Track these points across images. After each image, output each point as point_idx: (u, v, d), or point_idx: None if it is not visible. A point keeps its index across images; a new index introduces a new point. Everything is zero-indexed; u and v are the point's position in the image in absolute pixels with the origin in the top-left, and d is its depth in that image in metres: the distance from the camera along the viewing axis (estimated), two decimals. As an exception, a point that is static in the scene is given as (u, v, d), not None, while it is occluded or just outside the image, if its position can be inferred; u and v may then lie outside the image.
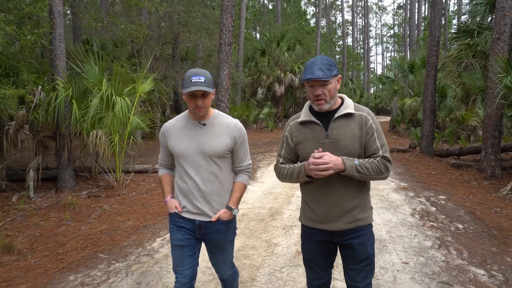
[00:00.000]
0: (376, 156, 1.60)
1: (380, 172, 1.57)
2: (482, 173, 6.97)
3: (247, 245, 3.41)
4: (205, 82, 1.67)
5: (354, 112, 1.63)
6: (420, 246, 3.39)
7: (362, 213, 1.65)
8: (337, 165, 1.51)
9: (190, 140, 1.79)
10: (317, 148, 1.59)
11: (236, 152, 1.86)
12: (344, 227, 1.63)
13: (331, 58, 1.35)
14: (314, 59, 1.59)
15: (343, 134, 1.60)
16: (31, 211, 4.95)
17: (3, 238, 3.75)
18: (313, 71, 1.52)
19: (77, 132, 5.79)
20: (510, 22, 6.53)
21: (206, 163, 1.78)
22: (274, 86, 19.87)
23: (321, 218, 1.66)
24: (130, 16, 8.50)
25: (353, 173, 1.53)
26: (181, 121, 1.86)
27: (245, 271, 2.84)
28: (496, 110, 6.58)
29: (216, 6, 13.93)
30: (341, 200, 1.62)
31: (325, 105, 1.59)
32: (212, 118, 1.83)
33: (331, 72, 1.54)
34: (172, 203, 1.85)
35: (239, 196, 1.87)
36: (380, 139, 1.62)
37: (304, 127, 1.68)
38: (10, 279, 2.91)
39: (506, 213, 4.71)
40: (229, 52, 8.03)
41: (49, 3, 5.72)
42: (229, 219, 1.84)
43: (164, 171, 1.99)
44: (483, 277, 2.78)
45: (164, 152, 1.94)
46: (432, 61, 9.22)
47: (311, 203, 1.70)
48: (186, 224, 1.81)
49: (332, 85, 1.57)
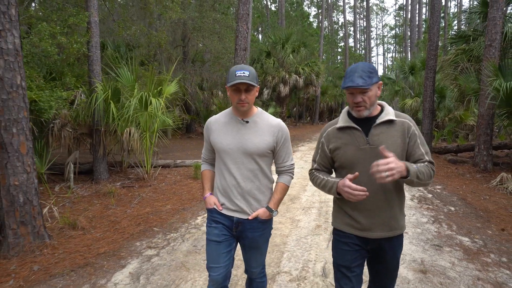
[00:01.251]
0: (423, 161, 1.58)
1: (431, 176, 1.56)
2: (475, 167, 7.66)
3: (275, 221, 4.13)
4: (249, 77, 1.68)
5: (396, 119, 1.60)
6: (417, 221, 4.11)
7: (400, 222, 1.64)
8: (400, 171, 1.43)
9: (232, 136, 1.79)
10: (356, 155, 1.58)
11: (278, 151, 1.85)
12: (382, 235, 1.61)
13: (372, 65, 1.57)
14: (355, 66, 1.55)
15: (384, 141, 1.56)
16: (78, 198, 5.67)
17: (68, 217, 4.46)
18: (353, 79, 1.50)
19: (112, 130, 6.50)
20: (500, 30, 7.22)
21: (247, 161, 1.77)
22: (279, 86, 20.56)
23: (361, 225, 1.62)
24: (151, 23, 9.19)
25: (413, 178, 1.49)
26: (225, 117, 1.87)
27: (277, 238, 3.56)
28: (488, 110, 7.28)
29: (226, 12, 14.62)
30: (382, 207, 1.59)
31: (365, 111, 1.57)
32: (255, 116, 1.83)
33: (372, 79, 1.51)
34: (211, 199, 1.86)
35: (280, 198, 1.86)
36: (423, 145, 1.61)
37: (342, 133, 1.64)
38: (88, 245, 3.62)
39: (493, 200, 5.41)
40: (244, 56, 8.74)
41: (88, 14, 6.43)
42: (266, 219, 1.84)
43: (206, 166, 2.01)
44: (466, 242, 3.49)
45: (207, 147, 1.96)
46: (431, 64, 9.92)
47: (350, 210, 1.65)
48: (224, 220, 1.82)
49: (372, 92, 1.55)
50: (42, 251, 3.32)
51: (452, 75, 8.60)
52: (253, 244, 1.84)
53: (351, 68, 1.54)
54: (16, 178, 3.21)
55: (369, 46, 46.49)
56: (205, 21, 11.94)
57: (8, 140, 3.16)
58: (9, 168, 3.18)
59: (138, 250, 3.44)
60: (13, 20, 3.15)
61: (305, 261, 3.06)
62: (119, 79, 6.72)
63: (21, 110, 3.25)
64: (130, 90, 6.69)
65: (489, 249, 3.35)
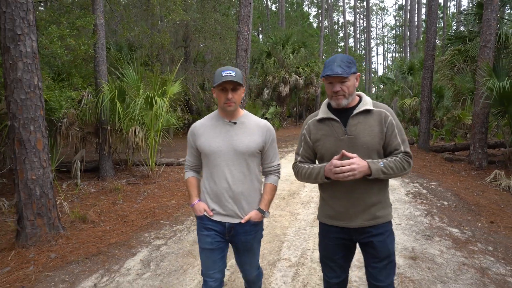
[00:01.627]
0: (398, 152, 1.60)
1: (404, 168, 1.58)
2: (471, 165, 7.87)
3: (276, 214, 4.35)
4: (236, 76, 1.69)
5: (373, 109, 1.63)
6: (411, 214, 4.32)
7: (382, 210, 1.64)
8: (362, 170, 1.49)
9: (221, 138, 1.78)
10: (335, 145, 1.61)
11: (266, 152, 1.86)
12: (364, 224, 1.62)
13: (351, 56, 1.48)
14: (334, 56, 1.59)
15: (361, 131, 1.59)
16: (85, 194, 5.89)
17: (78, 211, 4.68)
18: (332, 68, 1.53)
19: (117, 128, 6.72)
20: (495, 31, 7.43)
21: (238, 162, 1.77)
22: (279, 86, 20.77)
23: (340, 215, 1.65)
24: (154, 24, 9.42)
25: (379, 176, 1.53)
26: (211, 120, 1.86)
27: (277, 230, 3.78)
28: (483, 109, 7.48)
29: (227, 12, 14.84)
30: (362, 196, 1.61)
31: (343, 100, 1.60)
32: (243, 117, 1.84)
33: (350, 69, 1.55)
34: (200, 206, 1.83)
35: (270, 198, 1.86)
36: (400, 134, 1.62)
37: (322, 124, 1.68)
38: (99, 236, 3.84)
39: (486, 196, 5.62)
40: (245, 57, 8.95)
41: (95, 17, 6.65)
42: (258, 222, 1.84)
43: (191, 173, 1.96)
44: (456, 233, 3.70)
45: (192, 153, 1.92)
46: (428, 65, 10.13)
47: (330, 200, 1.69)
48: (216, 226, 1.79)
49: (351, 82, 1.57)
50: (57, 241, 3.54)
51: (448, 75, 8.81)
52: (246, 247, 1.83)
53: (330, 58, 1.59)
54: (33, 172, 3.43)
55: (369, 46, 46.68)
56: (207, 22, 12.17)
57: (26, 137, 3.38)
58: (27, 163, 3.40)
59: (147, 240, 3.66)
60: (31, 25, 3.37)
61: (304, 250, 3.28)
62: (125, 80, 6.94)
63: (38, 109, 3.47)
64: (135, 90, 6.91)
65: (477, 239, 3.56)
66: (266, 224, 4.07)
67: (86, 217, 4.54)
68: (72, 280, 2.82)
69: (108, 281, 2.79)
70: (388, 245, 1.63)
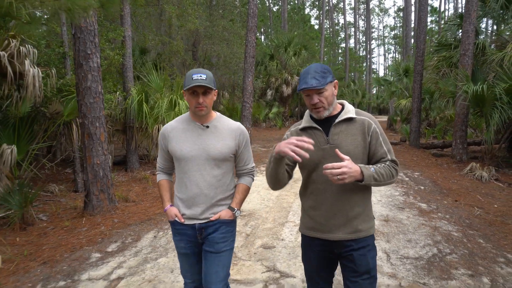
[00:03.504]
0: (384, 160, 1.56)
1: (392, 176, 1.54)
2: (452, 158, 8.90)
3: (282, 194, 5.41)
4: (206, 80, 1.65)
5: (356, 117, 1.60)
6: (391, 194, 5.38)
7: (364, 223, 1.59)
8: (354, 175, 1.42)
9: (192, 143, 1.74)
10: (317, 154, 1.56)
11: (240, 155, 1.83)
12: (344, 237, 1.57)
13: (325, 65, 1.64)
14: (308, 68, 1.56)
15: (344, 139, 1.56)
16: (118, 182, 6.94)
17: (120, 193, 5.73)
18: (307, 81, 1.50)
19: (143, 126, 7.78)
20: (473, 41, 8.45)
21: (210, 167, 1.73)
22: (282, 87, 21.82)
23: (321, 227, 1.61)
24: (170, 33, 10.48)
25: (370, 182, 1.46)
26: (182, 123, 1.81)
27: (284, 204, 4.85)
28: (462, 110, 8.51)
29: (234, 19, 15.88)
30: (344, 208, 1.56)
31: (324, 112, 1.57)
32: (215, 120, 1.80)
33: (326, 79, 1.51)
34: (172, 211, 1.80)
35: (242, 198, 1.84)
36: (385, 143, 1.59)
37: (305, 133, 1.64)
38: (144, 209, 4.90)
39: (459, 183, 6.64)
40: (252, 63, 10.01)
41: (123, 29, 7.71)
42: (230, 221, 1.80)
43: (162, 176, 1.93)
44: (423, 207, 4.75)
45: (163, 156, 1.88)
46: (418, 69, 11.16)
47: (310, 210, 1.64)
48: (187, 229, 1.77)
49: (328, 92, 1.54)
50: (115, 211, 4.61)
51: (434, 79, 9.83)
52: (213, 247, 1.75)
53: (304, 70, 1.56)
54: (98, 158, 4.49)
55: (370, 47, 47.69)
56: (215, 29, 13.22)
57: (93, 131, 4.45)
58: (94, 151, 4.46)
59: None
60: (97, 46, 4.43)
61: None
62: (149, 84, 8.01)
63: (101, 110, 4.54)
64: (159, 93, 7.97)
65: (438, 211, 4.61)
66: (275, 200, 5.14)
67: (128, 198, 5.60)
68: (136, 234, 3.88)
69: (163, 234, 3.85)
70: (369, 259, 1.58)
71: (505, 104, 7.02)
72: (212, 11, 14.15)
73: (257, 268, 2.98)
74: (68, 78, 6.04)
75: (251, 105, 10.04)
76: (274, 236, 3.71)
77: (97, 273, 2.99)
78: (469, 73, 8.30)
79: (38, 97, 4.85)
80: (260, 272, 2.91)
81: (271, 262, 3.09)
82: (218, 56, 15.53)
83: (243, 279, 2.78)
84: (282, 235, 3.74)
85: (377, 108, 40.28)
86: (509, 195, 5.81)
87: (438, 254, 3.23)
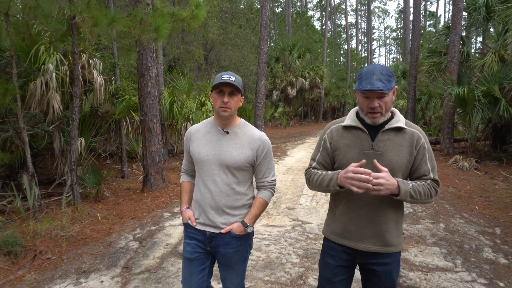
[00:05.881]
0: (426, 178, 1.49)
1: (430, 196, 1.47)
2: (441, 152, 10.16)
3: (297, 177, 6.70)
4: (235, 81, 1.65)
5: (406, 128, 1.51)
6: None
7: (395, 238, 1.53)
8: (390, 188, 1.36)
9: (211, 147, 1.74)
10: (358, 158, 1.47)
11: (258, 166, 1.77)
12: (374, 249, 1.51)
13: (390, 68, 1.49)
14: (372, 67, 1.45)
15: (390, 148, 1.48)
16: (156, 170, 8.22)
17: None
18: (373, 82, 1.39)
19: (174, 124, 9.08)
20: (458, 49, 9.71)
21: (223, 174, 1.71)
22: (287, 89, 23.11)
23: (350, 234, 1.54)
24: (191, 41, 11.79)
25: (406, 198, 1.41)
26: (205, 126, 1.82)
27: (299, 183, 6.13)
28: (449, 110, 9.77)
29: (243, 25, 17.19)
30: (378, 218, 1.50)
31: (380, 118, 1.48)
32: (237, 127, 1.77)
33: (391, 83, 1.43)
34: (186, 213, 1.82)
35: (257, 213, 1.77)
36: (431, 160, 1.51)
37: (347, 132, 1.56)
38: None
39: (443, 171, 7.90)
40: (265, 68, 11.30)
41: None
42: (242, 235, 1.74)
43: (185, 178, 1.95)
44: (408, 185, 6.04)
45: (188, 158, 1.90)
46: (412, 73, 12.44)
47: (342, 216, 1.58)
48: (197, 235, 1.77)
49: (389, 97, 1.46)
50: (167, 189, 5.91)
51: (425, 82, 11.11)
52: (226, 261, 1.76)
53: (367, 69, 1.45)
54: (155, 147, 5.80)
55: (371, 48, 48.89)
56: (228, 36, 14.54)
57: (152, 126, 5.75)
58: (152, 142, 5.77)
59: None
60: (153, 59, 5.73)
61: (315, 192, 5.62)
62: (178, 87, 9.32)
63: (156, 109, 5.84)
64: (185, 94, 9.27)
65: (420, 188, 5.88)
66: (291, 181, 6.44)
67: (170, 180, 6.91)
68: (190, 202, 5.19)
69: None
70: (394, 277, 1.53)
71: (484, 105, 8.27)
72: (225, 19, 15.46)
73: (285, 219, 4.29)
74: (119, 83, 7.34)
75: (263, 105, 11.33)
76: (294, 202, 5.02)
77: (174, 222, 4.29)
78: (455, 77, 9.57)
79: (100, 100, 6.18)
80: (288, 221, 4.21)
81: (294, 216, 4.39)
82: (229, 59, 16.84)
83: (276, 225, 4.09)
84: (300, 202, 5.05)
85: (378, 108, 41.32)
86: (483, 180, 7.09)
87: (413, 212, 4.52)
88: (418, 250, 3.41)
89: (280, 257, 3.26)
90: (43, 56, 5.58)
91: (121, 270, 3.06)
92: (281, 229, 3.98)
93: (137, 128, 8.86)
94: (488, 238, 3.71)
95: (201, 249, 1.76)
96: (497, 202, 5.26)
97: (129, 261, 3.24)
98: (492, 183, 6.73)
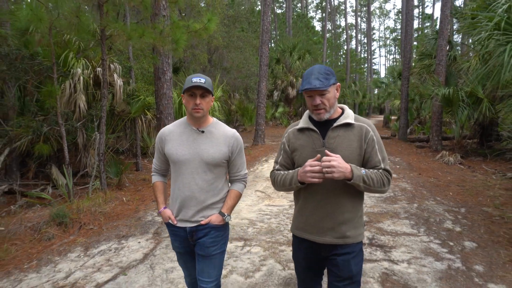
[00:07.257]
0: (378, 168, 1.57)
1: (383, 184, 1.54)
2: (430, 149, 10.92)
3: (294, 169, 7.48)
4: (205, 83, 1.71)
5: (354, 123, 1.60)
6: (372, 169, 7.44)
7: (353, 230, 1.60)
8: (343, 172, 1.43)
9: (188, 146, 1.80)
10: (312, 156, 1.55)
11: (233, 161, 1.88)
12: (331, 241, 1.60)
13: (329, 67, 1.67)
14: (311, 69, 1.56)
15: (340, 144, 1.57)
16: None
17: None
18: (310, 81, 1.51)
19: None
20: (446, 53, 10.47)
21: (202, 171, 1.79)
22: (287, 89, 23.86)
23: (310, 228, 1.64)
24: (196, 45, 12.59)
25: (359, 183, 1.47)
26: (179, 127, 1.87)
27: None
28: (438, 109, 10.53)
29: (246, 29, 17.98)
30: (334, 212, 1.58)
31: (325, 114, 1.58)
32: (211, 126, 1.85)
33: (329, 81, 1.52)
34: (166, 213, 1.88)
35: (233, 204, 1.88)
36: (381, 152, 1.59)
37: (301, 134, 1.67)
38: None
39: (429, 165, 8.67)
40: (266, 70, 12.08)
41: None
42: (221, 226, 1.84)
43: (157, 177, 2.00)
44: (394, 176, 6.79)
45: (160, 158, 1.94)
46: (405, 75, 13.20)
47: (302, 212, 1.68)
48: (180, 231, 1.85)
49: (331, 94, 1.55)
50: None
51: (416, 83, 11.88)
52: (204, 251, 1.82)
53: (307, 71, 1.56)
54: (169, 141, 6.57)
55: (370, 48, 49.60)
56: (231, 39, 15.32)
57: (167, 123, 6.52)
58: (167, 137, 6.54)
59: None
60: (170, 64, 6.51)
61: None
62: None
63: (171, 108, 6.62)
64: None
65: (403, 178, 6.65)
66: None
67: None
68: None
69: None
70: (352, 266, 1.60)
71: (469, 105, 9.02)
72: (228, 23, 16.24)
73: (284, 200, 5.07)
74: (134, 85, 8.13)
75: (265, 105, 12.12)
76: (292, 189, 5.78)
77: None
78: (443, 79, 10.33)
79: (120, 100, 6.97)
80: (286, 202, 4.99)
81: (291, 198, 5.15)
82: (232, 61, 17.62)
83: (276, 204, 4.87)
84: (296, 188, 5.82)
85: (378, 108, 42.09)
86: (464, 173, 7.85)
87: (393, 195, 5.30)
88: (391, 222, 4.18)
89: (279, 226, 4.04)
90: (71, 61, 6.39)
91: (152, 235, 3.84)
92: (280, 207, 4.75)
93: (149, 126, 9.67)
94: (452, 215, 4.47)
95: (186, 243, 1.88)
96: (471, 189, 6.02)
97: (158, 229, 4.02)
98: (471, 175, 7.48)
